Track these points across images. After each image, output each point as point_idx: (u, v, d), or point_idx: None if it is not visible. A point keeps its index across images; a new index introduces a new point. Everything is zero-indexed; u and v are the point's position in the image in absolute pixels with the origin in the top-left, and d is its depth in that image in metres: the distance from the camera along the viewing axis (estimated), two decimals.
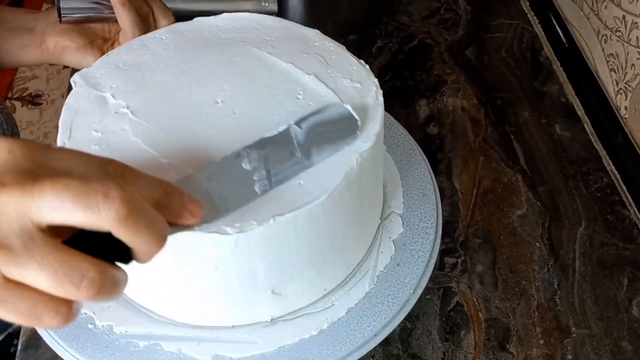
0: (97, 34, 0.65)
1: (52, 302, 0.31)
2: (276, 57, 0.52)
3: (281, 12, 0.82)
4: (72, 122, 0.48)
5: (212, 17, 0.57)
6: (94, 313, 0.50)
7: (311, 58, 0.53)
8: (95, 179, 0.32)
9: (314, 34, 0.55)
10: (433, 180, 0.60)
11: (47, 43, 0.64)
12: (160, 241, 0.33)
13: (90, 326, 0.49)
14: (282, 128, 0.44)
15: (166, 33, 0.56)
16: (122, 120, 0.48)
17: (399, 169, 0.60)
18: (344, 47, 0.54)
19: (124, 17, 0.59)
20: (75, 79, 0.51)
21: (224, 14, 0.57)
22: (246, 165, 0.42)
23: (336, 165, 0.45)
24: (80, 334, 0.49)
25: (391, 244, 0.55)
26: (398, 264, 0.54)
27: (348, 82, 0.51)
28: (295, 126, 0.44)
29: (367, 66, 0.53)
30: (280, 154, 0.44)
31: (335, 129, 0.45)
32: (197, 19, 0.57)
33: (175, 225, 0.36)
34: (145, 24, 0.61)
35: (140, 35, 0.58)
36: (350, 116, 0.46)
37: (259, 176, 0.42)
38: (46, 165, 0.32)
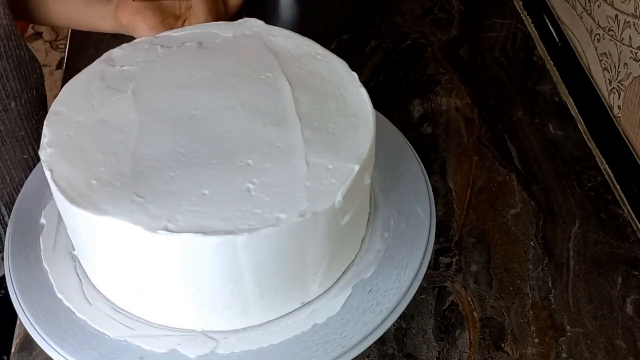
0: (169, 12, 0.65)
1: None
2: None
3: (274, 12, 0.81)
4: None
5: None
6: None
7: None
8: None
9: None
10: (427, 179, 0.60)
11: (121, 19, 0.65)
12: None
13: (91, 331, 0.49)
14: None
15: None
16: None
17: (393, 169, 0.60)
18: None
19: (198, 2, 0.61)
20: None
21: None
22: None
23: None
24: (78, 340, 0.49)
25: (384, 243, 0.55)
26: (392, 264, 0.53)
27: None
28: None
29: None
30: None
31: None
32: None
33: None
34: (217, 6, 0.62)
35: (212, 20, 0.61)
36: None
37: None
38: None
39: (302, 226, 0.43)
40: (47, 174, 0.46)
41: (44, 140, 0.48)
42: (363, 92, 0.52)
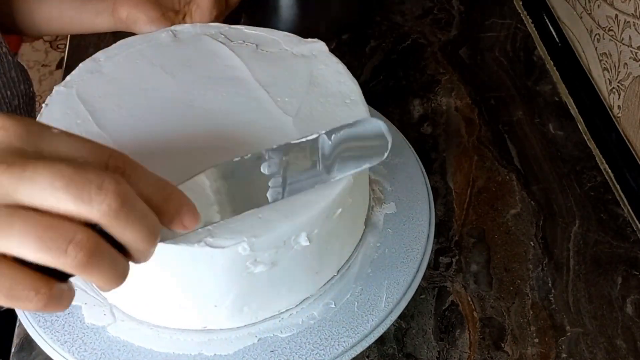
0: (168, 6, 0.64)
1: (32, 281, 0.30)
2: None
3: (274, 12, 0.81)
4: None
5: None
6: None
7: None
8: (93, 170, 0.30)
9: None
10: (426, 179, 0.60)
11: (120, 13, 0.64)
12: (151, 239, 0.32)
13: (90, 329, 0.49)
14: (312, 136, 0.43)
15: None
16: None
17: (392, 169, 0.60)
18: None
19: None
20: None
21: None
22: (265, 170, 0.41)
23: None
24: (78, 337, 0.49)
25: (384, 242, 0.55)
26: (392, 263, 0.53)
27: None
28: (324, 136, 0.42)
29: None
30: (302, 163, 0.42)
31: (364, 146, 0.44)
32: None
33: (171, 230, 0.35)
34: (220, 1, 0.62)
35: (216, 14, 0.60)
36: (382, 135, 0.44)
37: (274, 183, 0.41)
38: (40, 147, 0.31)
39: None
40: None
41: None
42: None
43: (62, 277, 0.31)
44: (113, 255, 0.32)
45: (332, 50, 0.56)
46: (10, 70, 0.65)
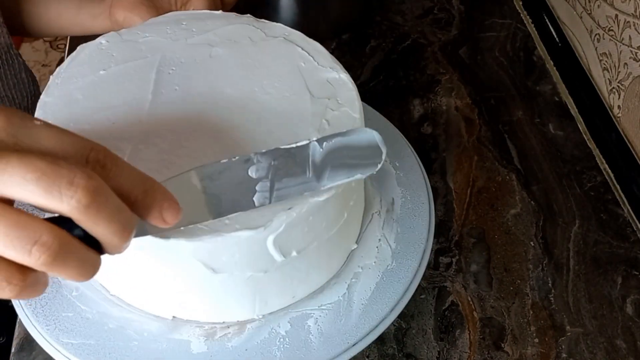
0: (165, 8, 0.65)
1: (4, 272, 0.30)
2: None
3: (274, 12, 0.81)
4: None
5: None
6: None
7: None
8: (66, 164, 0.31)
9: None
10: (426, 179, 0.60)
11: (116, 16, 0.64)
12: (124, 234, 0.33)
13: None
14: (302, 142, 0.42)
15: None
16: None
17: (390, 165, 0.60)
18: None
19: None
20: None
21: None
22: (252, 173, 0.41)
23: None
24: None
25: (384, 242, 0.55)
26: (391, 263, 0.53)
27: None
28: (316, 143, 0.42)
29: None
30: (291, 169, 0.41)
31: (356, 155, 0.43)
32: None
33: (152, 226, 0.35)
34: (215, 1, 0.62)
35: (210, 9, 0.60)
36: (376, 146, 0.43)
37: (261, 187, 0.41)
38: (20, 139, 0.31)
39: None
40: None
41: None
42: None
43: None
44: (81, 253, 0.32)
45: (332, 51, 0.56)
46: (21, 71, 0.65)
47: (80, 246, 0.32)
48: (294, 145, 0.42)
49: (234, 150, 0.46)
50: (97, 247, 0.33)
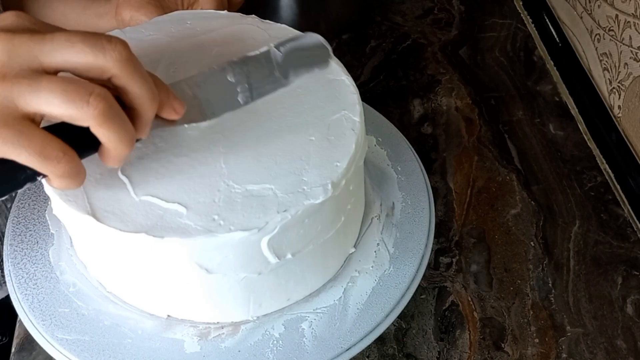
0: (171, 7, 0.65)
1: (60, 144, 0.36)
2: None
3: (274, 12, 0.81)
4: None
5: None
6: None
7: None
8: (84, 83, 0.36)
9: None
10: (426, 180, 0.60)
11: (123, 15, 0.64)
12: (129, 143, 0.38)
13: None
14: (263, 49, 0.47)
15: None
16: None
17: (392, 169, 0.60)
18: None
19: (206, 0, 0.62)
20: None
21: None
22: (230, 78, 0.46)
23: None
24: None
25: (384, 242, 0.55)
26: (391, 263, 0.53)
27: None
28: (275, 49, 0.47)
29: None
30: (261, 71, 0.47)
31: (310, 55, 0.49)
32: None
33: (160, 119, 0.41)
34: (222, 2, 0.62)
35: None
36: (323, 46, 0.49)
37: (242, 89, 0.46)
38: (51, 30, 0.37)
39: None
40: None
41: None
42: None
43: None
44: (124, 116, 0.37)
45: (332, 50, 0.56)
46: None
47: (122, 110, 0.37)
48: (258, 52, 0.47)
49: (230, 149, 0.46)
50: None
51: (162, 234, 0.41)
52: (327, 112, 0.49)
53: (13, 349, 0.54)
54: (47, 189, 0.45)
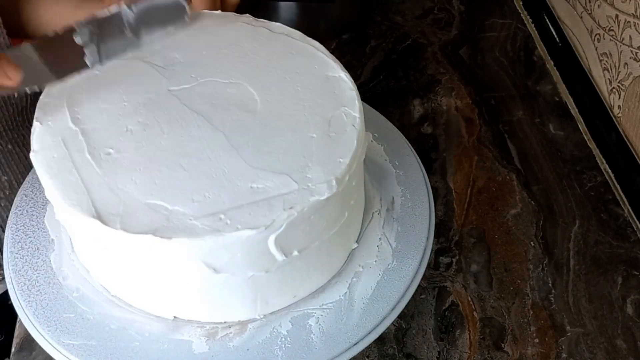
0: None
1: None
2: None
3: (274, 12, 0.82)
4: None
5: None
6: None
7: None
8: None
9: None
10: (426, 179, 0.60)
11: None
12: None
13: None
14: (114, 10, 0.47)
15: None
16: None
17: (390, 164, 0.60)
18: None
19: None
20: None
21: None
22: (78, 40, 0.46)
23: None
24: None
25: (384, 242, 0.55)
26: (391, 263, 0.53)
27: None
28: (126, 8, 0.48)
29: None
30: (111, 32, 0.47)
31: (165, 14, 0.49)
32: None
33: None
34: (215, 3, 0.62)
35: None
36: (179, 3, 0.49)
37: (90, 51, 0.47)
38: None
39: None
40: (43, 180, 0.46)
41: (34, 144, 0.47)
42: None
43: None
44: None
45: (332, 51, 0.56)
46: None
47: None
48: (108, 14, 0.47)
49: (233, 148, 0.46)
50: None
51: (169, 234, 0.41)
52: (326, 109, 0.49)
53: (13, 349, 0.54)
54: (50, 194, 0.45)
